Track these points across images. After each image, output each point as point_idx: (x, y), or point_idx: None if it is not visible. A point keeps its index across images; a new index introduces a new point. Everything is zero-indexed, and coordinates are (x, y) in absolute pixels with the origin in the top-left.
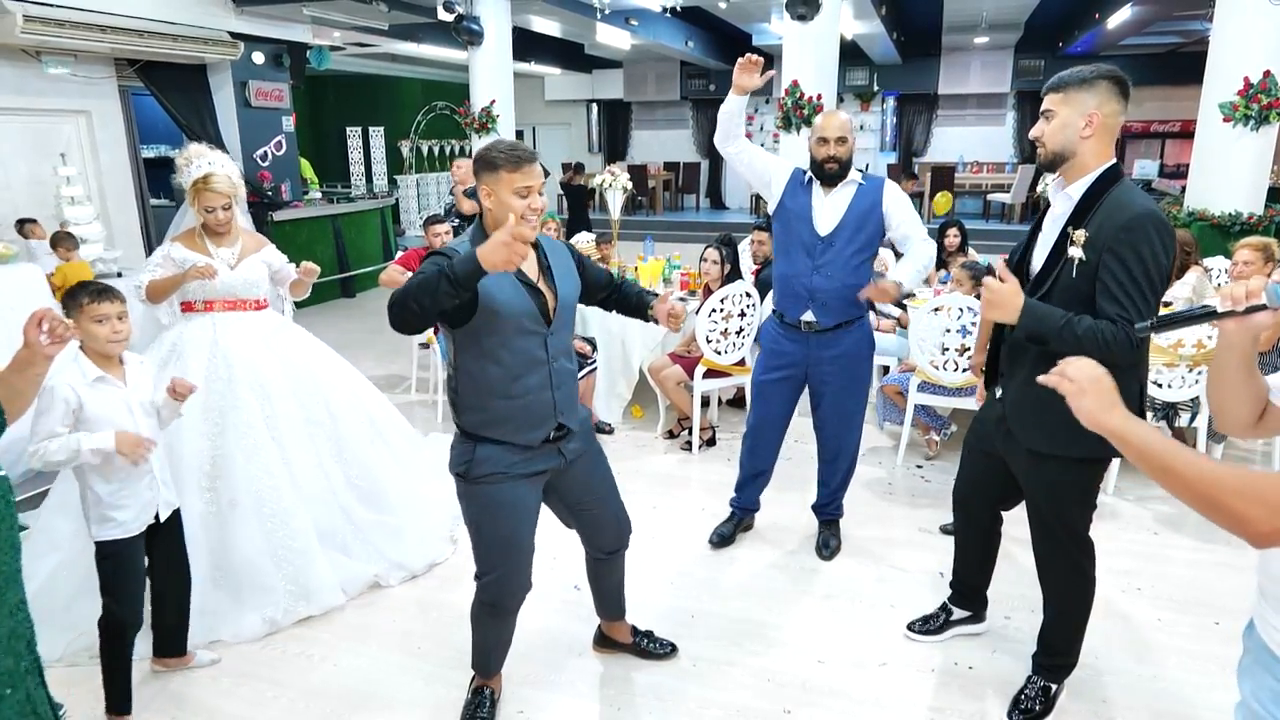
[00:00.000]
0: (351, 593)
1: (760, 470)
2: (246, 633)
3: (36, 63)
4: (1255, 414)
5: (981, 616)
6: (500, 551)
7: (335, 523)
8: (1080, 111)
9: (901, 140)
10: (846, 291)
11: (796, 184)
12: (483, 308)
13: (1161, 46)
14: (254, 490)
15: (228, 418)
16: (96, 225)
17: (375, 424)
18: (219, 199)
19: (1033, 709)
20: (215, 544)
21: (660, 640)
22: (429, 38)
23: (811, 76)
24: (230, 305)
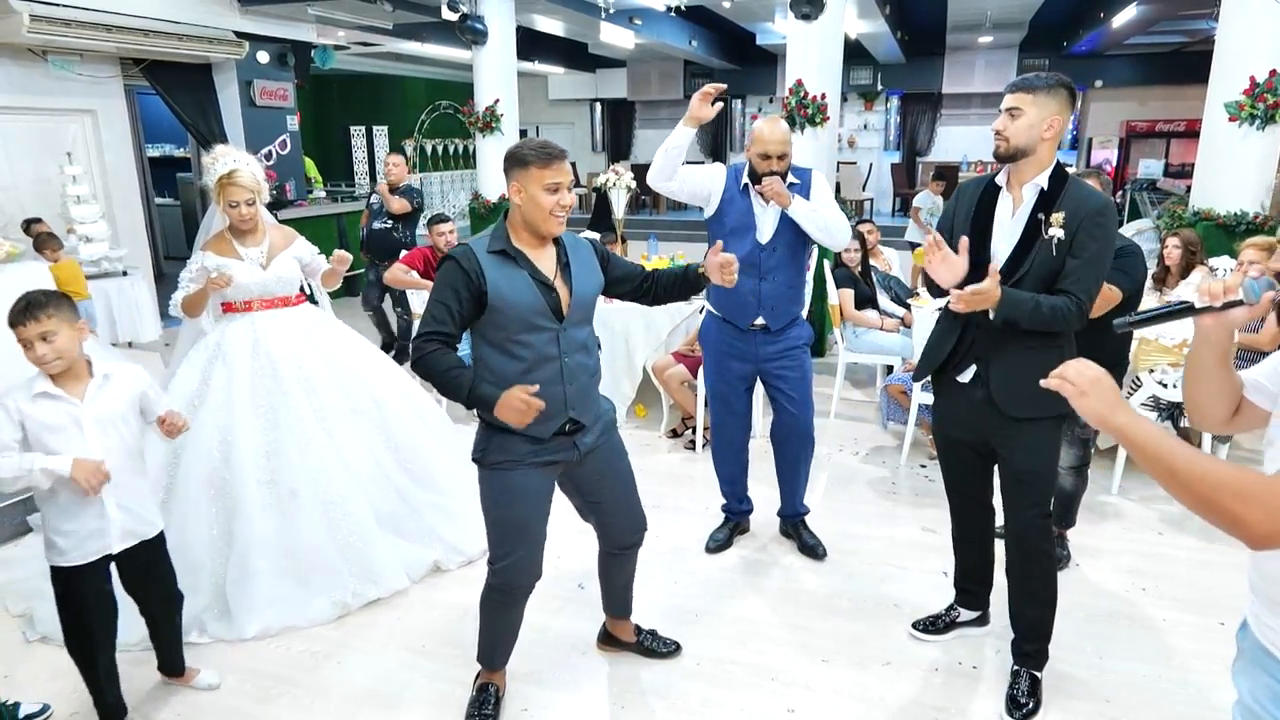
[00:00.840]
0: (415, 576)
1: (731, 475)
2: (319, 616)
3: (43, 62)
4: (1231, 409)
5: (987, 617)
6: (512, 536)
7: (392, 505)
8: (1045, 114)
9: (905, 140)
10: (791, 293)
11: (734, 188)
12: (491, 304)
13: (1166, 46)
14: (311, 479)
15: (278, 413)
16: (102, 224)
17: (417, 409)
18: (242, 193)
19: (1028, 704)
20: (279, 534)
21: (664, 639)
22: (433, 37)
23: (815, 76)
24: (267, 304)
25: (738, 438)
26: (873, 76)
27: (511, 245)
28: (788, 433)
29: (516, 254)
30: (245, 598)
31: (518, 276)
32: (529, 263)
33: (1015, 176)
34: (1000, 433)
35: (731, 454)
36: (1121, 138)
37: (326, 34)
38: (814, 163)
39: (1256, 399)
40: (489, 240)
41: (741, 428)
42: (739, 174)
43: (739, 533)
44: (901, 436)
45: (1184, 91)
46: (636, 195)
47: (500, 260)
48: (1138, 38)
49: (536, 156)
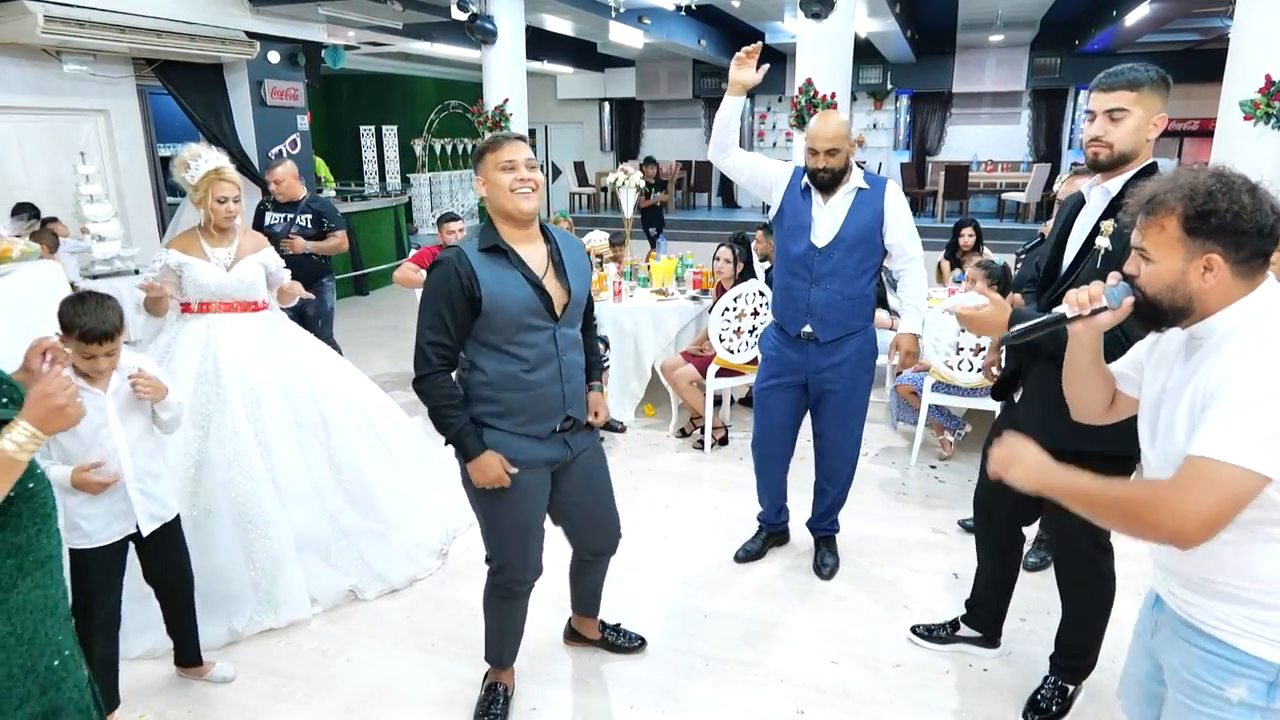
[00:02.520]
0: (325, 604)
1: (772, 490)
2: (209, 642)
3: (56, 62)
4: (1107, 401)
5: (996, 642)
6: (511, 536)
7: (320, 528)
8: (1151, 113)
9: (915, 139)
10: (846, 304)
11: (796, 188)
12: (485, 308)
13: (1180, 44)
14: (233, 496)
15: (212, 421)
16: (114, 223)
17: (375, 429)
18: (231, 189)
19: (1049, 710)
20: (191, 551)
21: (628, 633)
22: (443, 37)
23: (825, 75)
24: (227, 307)
25: (781, 449)
26: (883, 75)
27: (501, 239)
28: (823, 449)
29: (507, 249)
30: (138, 616)
31: (509, 276)
32: (519, 259)
33: (1101, 180)
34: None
35: (772, 466)
36: None
37: (337, 34)
38: None
39: (1126, 388)
40: (478, 239)
41: (784, 441)
42: (801, 174)
43: (776, 545)
44: (911, 437)
45: (1198, 90)
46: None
47: (491, 258)
48: (1151, 36)
49: (488, 145)
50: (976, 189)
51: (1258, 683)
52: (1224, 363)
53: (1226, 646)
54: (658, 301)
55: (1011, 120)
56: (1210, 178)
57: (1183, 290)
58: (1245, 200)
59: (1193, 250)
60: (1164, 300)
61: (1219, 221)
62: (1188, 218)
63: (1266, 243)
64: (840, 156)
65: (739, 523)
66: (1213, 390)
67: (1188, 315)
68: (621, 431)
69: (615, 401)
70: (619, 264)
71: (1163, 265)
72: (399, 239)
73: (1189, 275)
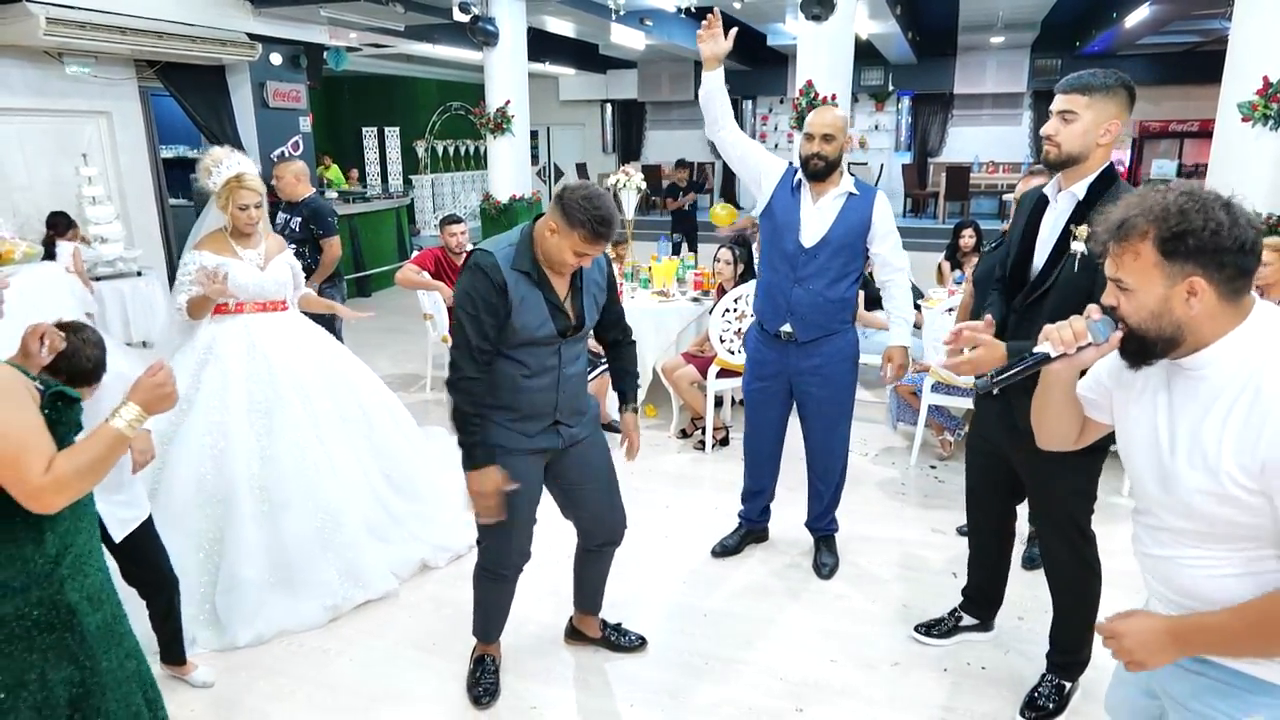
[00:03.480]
0: (403, 576)
1: (759, 486)
2: (310, 620)
3: (58, 64)
4: (1078, 430)
5: (990, 625)
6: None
7: (376, 514)
8: (1104, 118)
9: (916, 140)
10: (826, 306)
11: (787, 186)
12: (510, 322)
13: (1180, 45)
14: (305, 488)
15: (274, 418)
16: (117, 225)
17: (395, 418)
18: (253, 196)
19: (1046, 707)
20: (269, 543)
21: (629, 633)
22: (445, 38)
23: (826, 76)
24: (261, 306)
25: (770, 449)
26: (884, 77)
27: (537, 268)
28: (816, 450)
29: (540, 278)
30: (236, 606)
31: (534, 297)
32: (549, 286)
33: (1063, 182)
34: (1021, 455)
35: (759, 465)
36: (1135, 138)
37: (338, 36)
38: None
39: (1095, 414)
40: (514, 255)
41: (775, 439)
42: (794, 173)
43: (755, 541)
44: (911, 437)
45: (1197, 91)
46: (646, 196)
47: (522, 278)
48: (1151, 37)
49: (587, 228)
50: (978, 190)
51: (1276, 711)
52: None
53: (1241, 675)
54: (659, 303)
55: (1012, 121)
56: (1180, 196)
57: (1169, 319)
58: (1221, 216)
59: (1173, 275)
60: (1150, 331)
61: (1197, 242)
62: (1163, 240)
63: (1249, 260)
64: (835, 145)
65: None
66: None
67: (1178, 345)
68: None
69: (616, 402)
70: (620, 265)
71: (1143, 294)
72: (401, 240)
73: (1172, 302)
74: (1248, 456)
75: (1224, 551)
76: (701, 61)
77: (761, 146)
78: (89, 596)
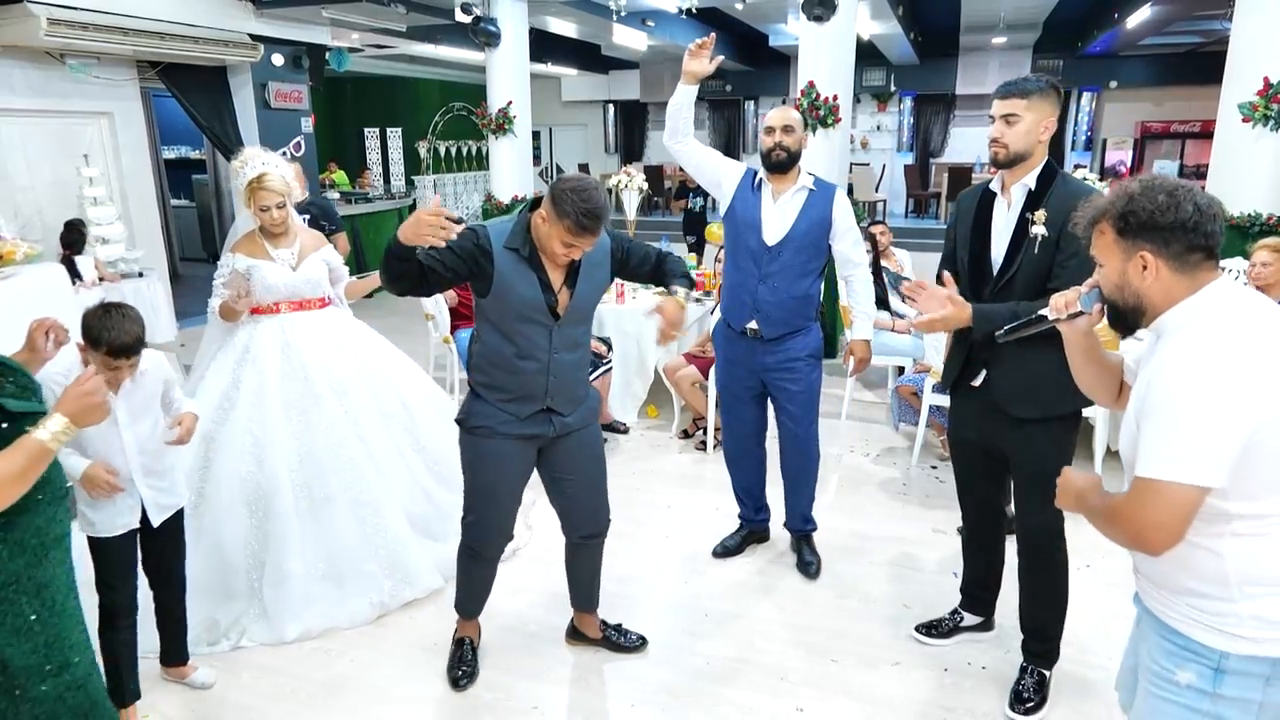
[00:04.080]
0: (449, 575)
1: (745, 484)
2: (358, 617)
3: (60, 65)
4: (1114, 391)
5: (990, 624)
6: (482, 498)
7: (421, 508)
8: (1041, 117)
9: (918, 141)
10: (791, 303)
11: (747, 187)
12: (495, 289)
13: (1181, 46)
14: (345, 483)
15: (310, 416)
16: (118, 225)
17: (441, 411)
18: (273, 197)
19: (1032, 699)
20: (314, 537)
21: (630, 633)
22: (447, 39)
23: (828, 77)
24: (296, 305)
25: (748, 445)
26: (886, 77)
27: (529, 246)
28: (786, 446)
29: (531, 255)
30: (284, 601)
31: (524, 274)
32: (540, 266)
33: (1009, 178)
34: (1009, 435)
35: (743, 461)
36: (1136, 138)
37: (341, 36)
38: (826, 164)
39: (1131, 380)
40: (507, 234)
41: (751, 435)
42: (754, 175)
43: (756, 541)
44: (912, 438)
45: (1199, 92)
46: (648, 197)
47: (512, 254)
48: (1152, 38)
49: (573, 220)
50: None
51: (1204, 668)
52: (1154, 365)
53: (1177, 634)
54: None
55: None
56: (1135, 183)
57: (1129, 289)
58: (1161, 199)
59: (1127, 250)
60: (1117, 300)
61: (1138, 220)
62: (1115, 219)
63: (1194, 237)
64: (795, 138)
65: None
66: (1145, 395)
67: (1143, 314)
68: (624, 433)
69: (618, 403)
70: None
71: (1109, 268)
72: None
73: (1129, 274)
74: (1140, 388)
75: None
76: (683, 72)
77: (718, 154)
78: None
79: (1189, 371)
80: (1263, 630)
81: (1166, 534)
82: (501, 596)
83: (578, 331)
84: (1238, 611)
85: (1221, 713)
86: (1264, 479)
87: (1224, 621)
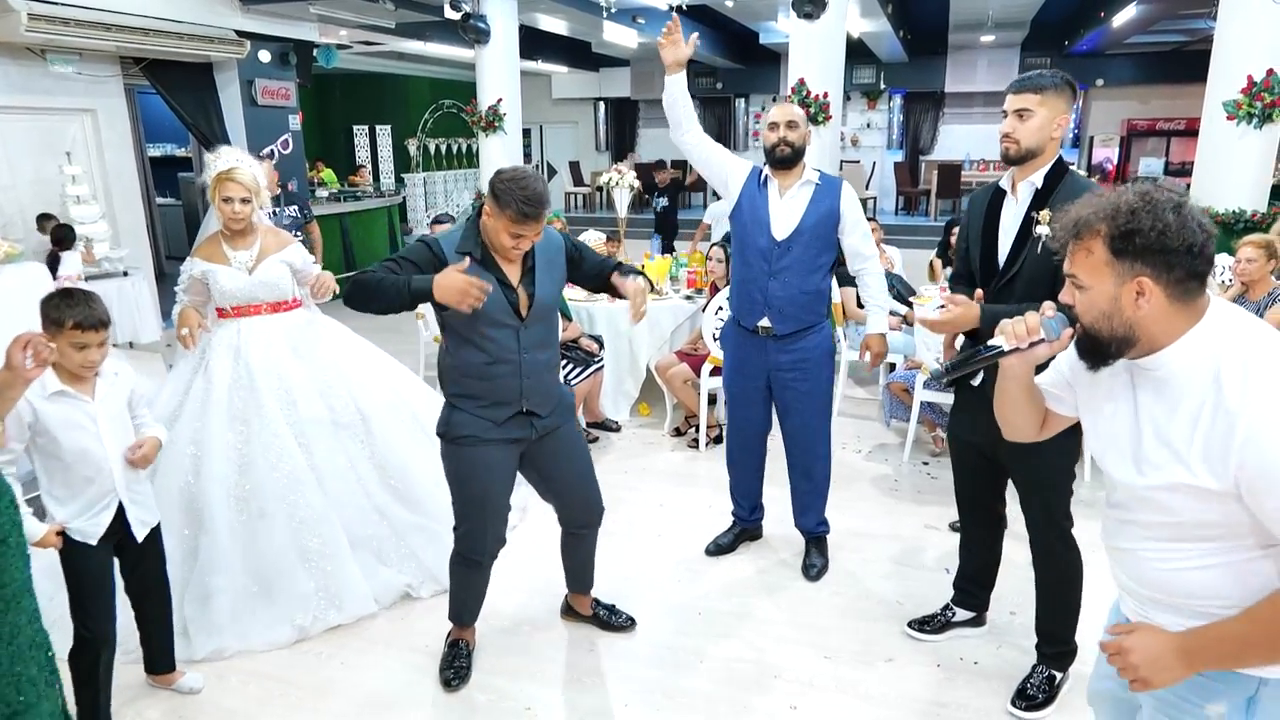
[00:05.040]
0: (384, 602)
1: (745, 484)
2: (277, 641)
3: (42, 61)
4: (1039, 423)
5: (983, 620)
6: (473, 507)
7: (370, 527)
8: (1055, 113)
9: (908, 138)
10: (802, 298)
11: (754, 183)
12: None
13: (1166, 45)
14: (282, 497)
15: (251, 426)
16: (102, 224)
17: (419, 421)
18: (237, 190)
19: (1036, 697)
20: (245, 553)
21: (620, 613)
22: (436, 36)
23: (818, 75)
24: (255, 309)
25: (753, 446)
26: (875, 75)
27: (480, 248)
28: (793, 447)
29: (484, 257)
30: (203, 617)
31: (483, 275)
32: (495, 266)
33: (1018, 176)
34: (1002, 445)
35: (744, 461)
36: (1122, 136)
37: (329, 33)
38: (817, 162)
39: (1058, 408)
40: (459, 240)
41: (756, 436)
42: (760, 171)
43: (748, 539)
44: (904, 434)
45: (1184, 90)
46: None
47: (465, 259)
48: (1138, 37)
49: (513, 208)
50: (969, 188)
51: (1237, 699)
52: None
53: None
54: (652, 301)
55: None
56: (1133, 197)
57: (1119, 318)
58: (1170, 218)
59: (1122, 274)
60: (1102, 330)
61: (1144, 241)
62: (1113, 238)
63: (1198, 263)
64: (799, 133)
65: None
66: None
67: (1132, 345)
68: (616, 431)
69: (610, 401)
70: None
71: (1095, 291)
72: (393, 239)
73: (1122, 301)
74: (1218, 462)
75: (1190, 546)
76: (665, 63)
77: (725, 150)
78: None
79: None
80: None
81: None
82: (493, 597)
83: (544, 330)
84: None
85: None
86: None
87: None
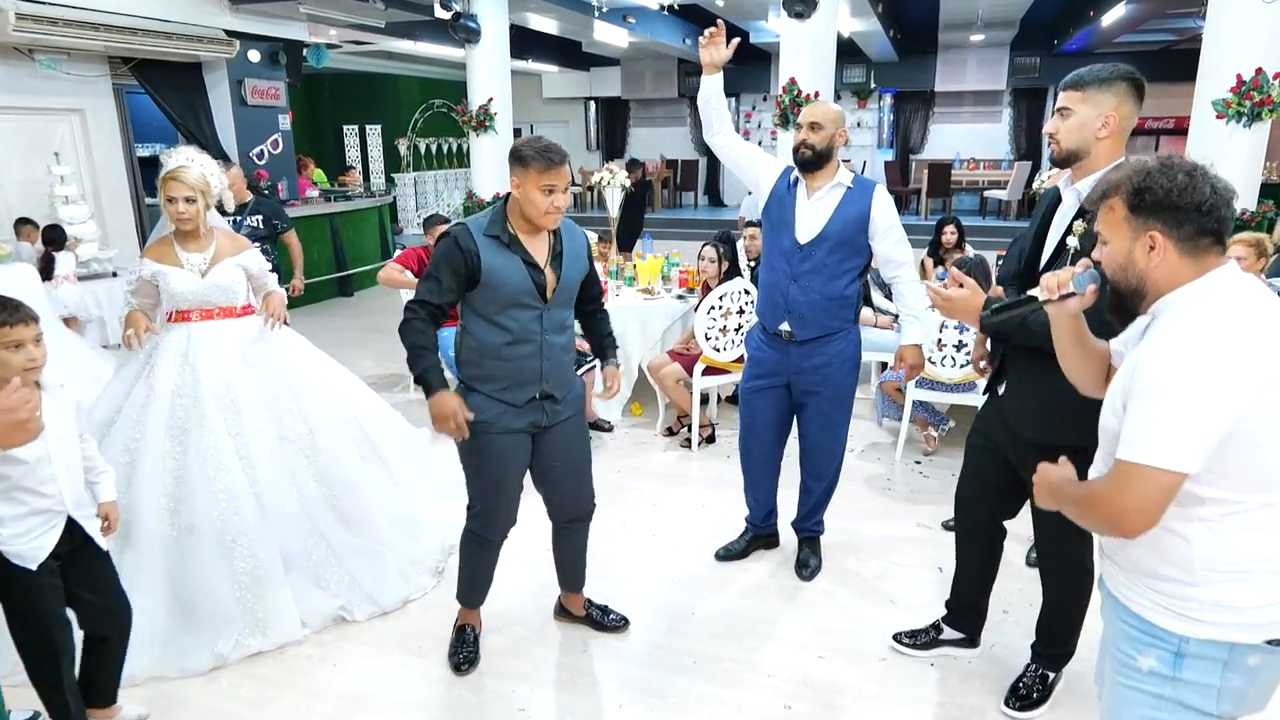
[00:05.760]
0: (314, 626)
1: (757, 488)
2: (192, 668)
3: (30, 61)
4: (1101, 375)
5: (976, 641)
6: (488, 489)
7: (308, 546)
8: (1099, 112)
9: (899, 138)
10: (825, 304)
11: (784, 183)
12: (484, 281)
13: (1155, 44)
14: (215, 514)
15: (190, 436)
16: (91, 225)
17: (371, 441)
18: (181, 189)
19: (1030, 696)
20: (174, 570)
21: (612, 613)
22: (426, 35)
23: (808, 74)
24: (206, 314)
25: (770, 450)
26: (866, 74)
27: (507, 232)
28: (809, 450)
29: (511, 240)
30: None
31: (510, 260)
32: (522, 248)
33: (1073, 179)
34: (1020, 452)
35: (757, 467)
36: None
37: (319, 32)
38: None
39: (1118, 365)
40: (486, 223)
41: (774, 440)
42: (791, 172)
43: (763, 547)
44: (896, 433)
45: (1173, 89)
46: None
47: (495, 244)
48: (1127, 36)
49: (537, 159)
50: (959, 187)
51: (1165, 653)
52: (1145, 346)
53: (1139, 619)
54: (644, 301)
55: (993, 119)
56: (1154, 160)
57: (1133, 270)
58: (1181, 179)
59: (1137, 228)
60: (1120, 282)
61: (1153, 198)
62: (1129, 195)
63: (1207, 220)
64: (822, 135)
65: (726, 521)
66: (1132, 375)
67: (1143, 297)
68: (609, 430)
69: (602, 401)
70: (605, 263)
71: (1114, 245)
72: (384, 239)
73: (1136, 254)
74: (1128, 368)
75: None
76: (702, 64)
77: (759, 149)
78: None
79: (1178, 355)
80: (1222, 615)
81: (1144, 517)
82: (487, 599)
83: (564, 314)
84: (1199, 596)
85: (1182, 697)
86: (1240, 468)
87: (1185, 606)
